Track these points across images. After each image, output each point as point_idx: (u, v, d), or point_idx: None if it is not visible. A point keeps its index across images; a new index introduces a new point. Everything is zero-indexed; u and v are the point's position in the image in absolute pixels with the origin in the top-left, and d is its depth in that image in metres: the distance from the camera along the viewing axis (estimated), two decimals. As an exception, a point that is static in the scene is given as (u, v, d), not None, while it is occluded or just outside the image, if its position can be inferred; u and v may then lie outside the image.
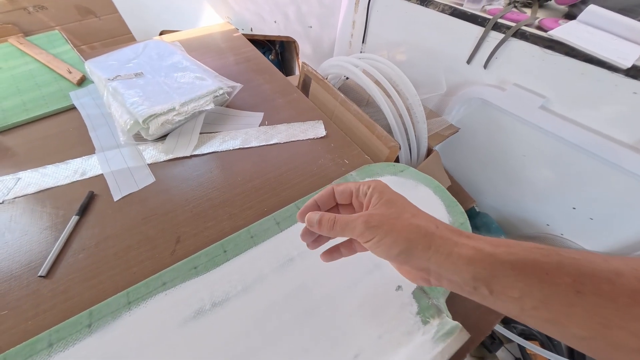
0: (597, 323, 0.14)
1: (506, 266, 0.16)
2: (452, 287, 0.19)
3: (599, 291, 0.14)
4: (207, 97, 0.51)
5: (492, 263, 0.17)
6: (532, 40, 0.52)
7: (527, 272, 0.16)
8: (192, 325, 0.26)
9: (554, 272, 0.15)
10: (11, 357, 0.25)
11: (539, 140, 0.59)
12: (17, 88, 0.60)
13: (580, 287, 0.15)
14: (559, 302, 0.15)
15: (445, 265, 0.18)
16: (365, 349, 0.25)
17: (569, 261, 0.16)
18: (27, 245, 0.36)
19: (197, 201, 0.41)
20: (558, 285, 0.15)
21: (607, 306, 0.14)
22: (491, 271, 0.17)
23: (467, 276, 0.17)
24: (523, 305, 0.16)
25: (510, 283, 0.16)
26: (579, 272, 0.15)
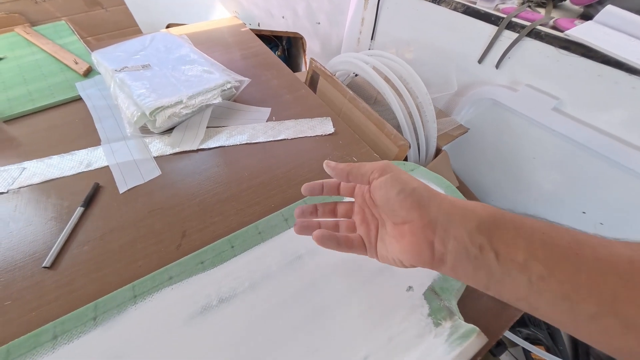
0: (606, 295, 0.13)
1: (507, 220, 0.17)
2: (456, 250, 0.17)
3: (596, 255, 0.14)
4: (214, 91, 0.50)
5: (494, 214, 0.17)
6: (547, 40, 0.51)
7: (527, 229, 0.16)
8: (199, 321, 0.26)
9: (551, 233, 0.15)
10: (15, 349, 0.24)
11: (550, 143, 0.58)
12: (23, 78, 0.60)
13: (578, 249, 0.14)
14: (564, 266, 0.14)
15: (452, 212, 0.18)
16: (375, 351, 0.24)
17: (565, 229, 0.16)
18: (31, 235, 0.35)
19: (204, 195, 0.40)
20: (558, 245, 0.15)
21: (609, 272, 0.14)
22: (494, 222, 0.17)
23: (472, 225, 0.17)
24: (530, 275, 0.15)
25: (512, 240, 0.16)
26: (574, 238, 0.15)
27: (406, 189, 0.19)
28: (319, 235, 0.23)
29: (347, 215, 0.26)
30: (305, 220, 0.26)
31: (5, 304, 0.30)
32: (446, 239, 0.18)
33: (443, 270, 0.19)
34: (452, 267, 0.18)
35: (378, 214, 0.23)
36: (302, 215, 0.26)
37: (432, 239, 0.18)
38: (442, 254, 0.18)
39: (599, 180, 0.55)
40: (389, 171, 0.21)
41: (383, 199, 0.20)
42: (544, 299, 0.15)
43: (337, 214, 0.26)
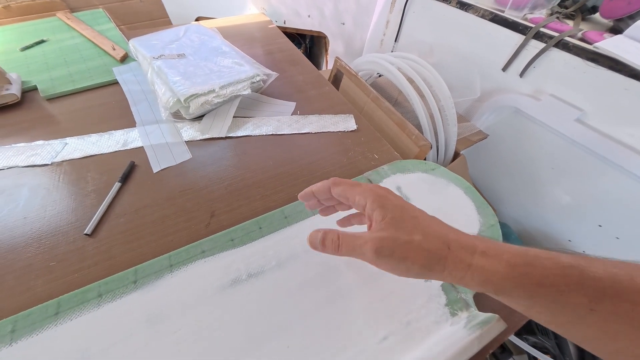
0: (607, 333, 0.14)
1: (519, 290, 0.17)
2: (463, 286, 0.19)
3: (616, 311, 0.14)
4: (244, 82, 0.52)
5: (504, 286, 0.17)
6: (574, 52, 0.52)
7: (540, 294, 0.16)
8: (229, 292, 0.28)
9: (570, 293, 0.15)
10: (64, 302, 0.26)
11: (570, 154, 0.58)
12: (64, 59, 0.63)
13: (596, 306, 0.15)
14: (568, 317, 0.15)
15: (460, 283, 0.19)
16: (394, 332, 0.26)
17: (590, 282, 0.15)
18: (73, 204, 0.38)
19: (231, 180, 0.42)
20: (571, 305, 0.15)
21: (621, 323, 0.14)
22: (503, 291, 0.17)
23: (478, 288, 0.18)
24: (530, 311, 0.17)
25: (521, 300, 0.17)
26: (599, 293, 0.15)
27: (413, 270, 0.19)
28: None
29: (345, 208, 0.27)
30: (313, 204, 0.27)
31: (50, 264, 0.32)
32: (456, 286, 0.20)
33: None
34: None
35: None
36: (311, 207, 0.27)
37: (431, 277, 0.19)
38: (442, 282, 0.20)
39: (618, 194, 0.55)
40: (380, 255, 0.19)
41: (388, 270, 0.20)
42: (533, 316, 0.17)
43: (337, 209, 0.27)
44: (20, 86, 0.54)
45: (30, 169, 0.42)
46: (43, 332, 0.25)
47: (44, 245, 0.34)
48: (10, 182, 0.40)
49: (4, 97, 0.50)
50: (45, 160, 0.43)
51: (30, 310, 0.26)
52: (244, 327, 0.26)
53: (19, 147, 0.44)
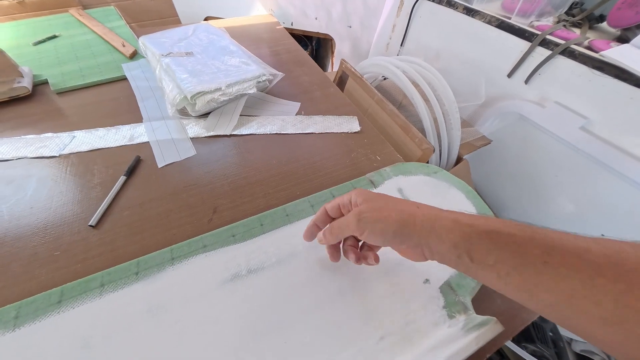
0: (564, 292, 0.16)
1: (482, 235, 0.19)
2: (441, 258, 0.21)
3: (565, 263, 0.16)
4: (251, 82, 0.53)
5: (469, 233, 0.19)
6: (580, 60, 0.52)
7: (501, 241, 0.18)
8: (229, 287, 0.28)
9: (525, 244, 0.17)
10: (68, 291, 0.27)
11: (574, 161, 0.57)
12: (75, 55, 0.65)
13: (548, 258, 0.16)
14: (529, 270, 0.17)
15: (430, 238, 0.20)
16: (392, 332, 0.26)
17: (541, 236, 0.17)
18: (79, 196, 0.39)
19: (234, 177, 0.43)
20: (528, 255, 0.17)
21: (573, 277, 0.15)
22: (469, 240, 0.19)
23: (448, 245, 0.20)
24: (499, 271, 0.18)
25: (485, 250, 0.18)
26: (549, 246, 0.17)
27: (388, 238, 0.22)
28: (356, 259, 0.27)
29: None
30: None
31: (55, 254, 0.33)
32: (432, 253, 0.21)
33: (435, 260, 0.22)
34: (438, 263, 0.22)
35: None
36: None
37: (422, 252, 0.22)
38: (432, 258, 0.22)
39: (622, 204, 0.54)
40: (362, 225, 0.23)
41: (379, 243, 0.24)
42: (509, 289, 0.18)
43: None
44: (31, 79, 0.55)
45: (39, 160, 0.43)
46: (46, 319, 0.25)
47: (50, 235, 0.35)
48: (20, 172, 0.41)
49: (16, 89, 0.51)
50: (53, 152, 0.44)
51: (34, 297, 0.27)
52: (242, 322, 0.26)
53: (28, 139, 0.45)
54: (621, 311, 0.14)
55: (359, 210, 0.23)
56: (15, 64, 0.53)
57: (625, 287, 0.14)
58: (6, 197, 0.38)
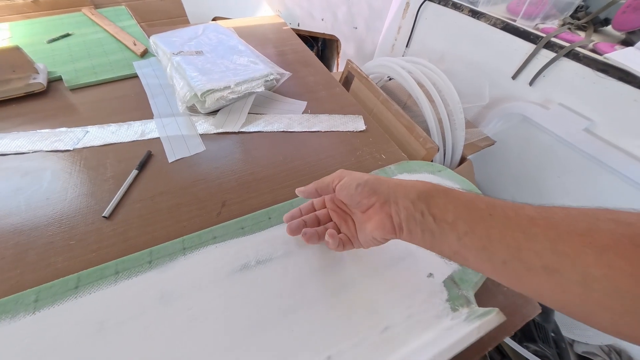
0: (511, 246, 0.17)
1: (439, 190, 0.22)
2: (407, 216, 0.22)
3: (505, 215, 0.18)
4: (259, 80, 0.54)
5: (429, 187, 0.22)
6: (585, 62, 0.52)
7: (454, 196, 0.21)
8: (238, 277, 0.29)
9: (473, 200, 0.20)
10: (84, 278, 0.28)
11: (577, 163, 0.58)
12: (87, 53, 0.66)
13: (492, 211, 0.19)
14: (481, 224, 0.19)
15: (397, 189, 0.23)
16: (395, 324, 0.27)
17: (484, 197, 0.20)
18: (93, 188, 0.40)
19: (242, 173, 0.44)
20: (476, 209, 0.19)
21: (514, 228, 0.17)
22: (429, 192, 0.22)
23: (413, 196, 0.22)
24: (458, 231, 0.19)
25: (443, 205, 0.21)
26: (491, 203, 0.19)
27: (361, 183, 0.25)
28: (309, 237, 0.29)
29: (327, 219, 0.31)
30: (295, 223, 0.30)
31: (70, 243, 0.34)
32: (398, 210, 0.22)
33: (403, 237, 0.23)
34: (408, 232, 0.22)
35: (348, 210, 0.29)
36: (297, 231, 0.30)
37: (390, 212, 0.23)
38: (399, 222, 0.23)
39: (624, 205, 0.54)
40: (345, 175, 0.26)
41: (347, 196, 0.26)
42: (469, 251, 0.19)
43: (319, 220, 0.31)
44: (46, 76, 0.56)
45: (54, 154, 0.44)
46: (64, 303, 0.26)
47: (65, 225, 0.36)
48: (35, 165, 0.42)
49: (32, 85, 0.53)
50: (67, 146, 0.45)
51: (52, 283, 0.28)
52: (251, 310, 0.27)
53: (43, 133, 0.47)
54: (558, 257, 0.15)
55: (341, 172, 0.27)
56: (31, 61, 0.54)
57: (556, 234, 0.16)
58: (23, 189, 0.39)
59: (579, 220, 0.16)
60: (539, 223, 0.17)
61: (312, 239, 0.29)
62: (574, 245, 0.15)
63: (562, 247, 0.15)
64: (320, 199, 0.32)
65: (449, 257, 0.22)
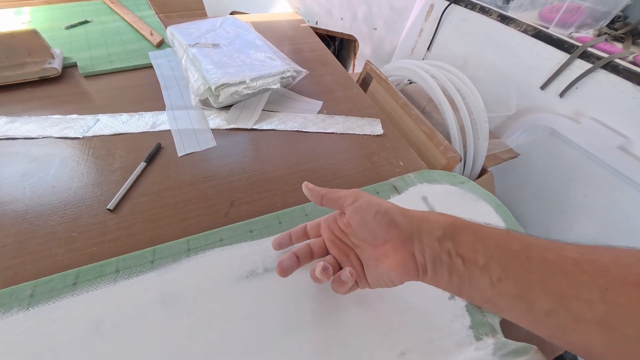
0: (554, 293, 0.15)
1: (465, 226, 0.19)
2: (433, 256, 0.19)
3: (544, 257, 0.16)
4: (275, 77, 0.52)
5: (454, 223, 0.20)
6: (624, 75, 0.49)
7: (483, 234, 0.18)
8: (245, 284, 0.27)
9: (504, 238, 0.18)
10: (83, 273, 0.27)
11: (607, 182, 0.54)
12: (104, 41, 0.66)
13: (528, 252, 0.16)
14: (516, 268, 0.16)
15: (422, 225, 0.20)
16: (413, 349, 0.24)
17: (516, 234, 0.18)
18: (99, 179, 0.39)
19: (253, 172, 0.42)
20: (510, 250, 0.17)
21: (556, 273, 0.15)
22: (455, 229, 0.19)
23: (439, 233, 0.19)
24: (491, 276, 0.17)
25: (472, 245, 0.18)
26: (525, 242, 0.17)
27: (381, 210, 0.21)
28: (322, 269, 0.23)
29: (323, 251, 0.26)
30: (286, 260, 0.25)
31: (72, 235, 0.33)
32: (423, 249, 0.20)
33: (427, 280, 0.20)
34: (433, 275, 0.20)
35: (351, 242, 0.24)
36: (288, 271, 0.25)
37: (413, 251, 0.20)
38: (423, 264, 0.20)
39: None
40: (361, 197, 0.23)
41: (361, 222, 0.22)
42: (504, 299, 0.17)
43: (313, 253, 0.26)
44: (62, 61, 0.56)
45: (63, 141, 0.43)
46: (60, 300, 0.25)
47: (68, 215, 0.35)
48: (44, 151, 0.42)
49: (47, 70, 0.52)
50: (77, 134, 0.44)
51: (50, 277, 0.26)
52: (256, 322, 0.25)
53: (54, 119, 0.46)
54: (612, 310, 0.13)
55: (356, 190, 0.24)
56: (48, 45, 0.54)
57: (607, 282, 0.14)
58: (30, 174, 0.38)
59: (631, 265, 0.14)
60: (585, 268, 0.15)
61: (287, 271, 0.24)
62: (630, 297, 0.13)
63: (617, 299, 0.13)
64: (316, 226, 0.27)
65: (480, 304, 0.19)
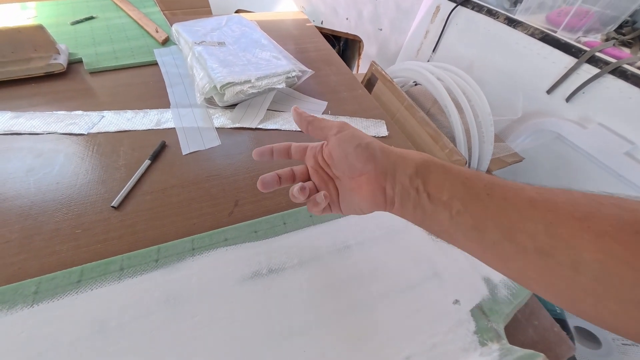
0: (504, 226, 0.16)
1: (438, 165, 0.20)
2: (402, 192, 0.20)
3: (504, 196, 0.17)
4: (280, 77, 0.52)
5: (427, 160, 0.21)
6: (632, 81, 0.48)
7: (453, 172, 0.19)
8: (249, 285, 0.27)
9: (472, 179, 0.19)
10: (88, 271, 0.27)
11: (613, 188, 0.54)
12: (110, 37, 0.66)
13: (490, 190, 0.18)
14: (476, 204, 0.18)
15: (397, 161, 0.21)
16: (418, 353, 0.24)
17: (486, 175, 0.19)
18: (104, 176, 0.39)
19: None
20: (474, 188, 0.18)
21: (510, 209, 0.16)
22: (427, 167, 0.20)
23: (411, 171, 0.20)
24: (451, 210, 0.18)
25: (441, 182, 0.19)
26: (491, 182, 0.18)
27: (362, 144, 0.22)
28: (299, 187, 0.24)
29: (305, 177, 0.27)
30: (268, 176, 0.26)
31: (77, 232, 0.33)
32: (394, 184, 0.21)
33: (392, 211, 0.22)
34: (399, 207, 0.21)
35: (332, 172, 0.25)
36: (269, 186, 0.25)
37: (384, 185, 0.21)
38: (392, 197, 0.21)
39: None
40: (346, 129, 0.23)
41: (342, 154, 0.22)
42: (460, 229, 0.18)
43: (296, 178, 0.27)
44: (67, 57, 0.56)
45: (68, 137, 0.43)
46: (64, 297, 0.25)
47: (73, 212, 0.34)
48: (49, 147, 0.41)
49: (52, 65, 0.52)
50: (82, 130, 0.44)
51: (54, 274, 0.26)
52: (260, 324, 0.25)
53: (59, 115, 0.46)
54: (552, 240, 0.15)
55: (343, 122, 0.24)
56: (53, 41, 0.54)
57: (554, 217, 0.15)
58: (34, 170, 0.38)
59: (580, 204, 0.15)
60: (537, 205, 0.16)
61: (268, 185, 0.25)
62: (571, 229, 0.14)
63: (559, 230, 0.15)
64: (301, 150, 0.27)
65: (438, 235, 0.20)
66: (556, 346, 0.29)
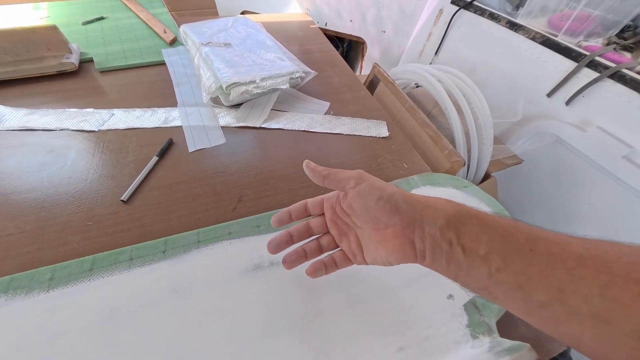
0: (553, 287, 0.15)
1: (472, 215, 0.19)
2: (433, 245, 0.19)
3: (549, 251, 0.16)
4: (284, 77, 0.53)
5: (460, 211, 0.19)
6: (631, 85, 0.49)
7: (489, 224, 0.18)
8: (251, 277, 0.28)
9: (511, 230, 0.17)
10: (99, 260, 0.28)
11: (611, 191, 0.54)
12: (119, 37, 0.67)
13: (533, 245, 0.16)
14: (518, 260, 0.16)
15: (425, 212, 0.20)
16: (411, 345, 0.25)
17: (524, 226, 0.18)
18: (113, 171, 0.40)
19: (260, 169, 0.43)
20: (515, 241, 0.17)
21: (558, 267, 0.15)
22: (460, 219, 0.19)
23: (442, 222, 0.19)
24: (490, 266, 0.17)
25: (476, 235, 0.18)
26: (532, 235, 0.17)
27: (384, 197, 0.21)
28: (312, 271, 0.25)
29: (322, 230, 0.26)
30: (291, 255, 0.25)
31: (88, 224, 0.34)
32: (423, 237, 0.20)
33: (424, 264, 0.21)
34: (431, 261, 0.20)
35: (352, 222, 0.24)
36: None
37: (413, 238, 0.20)
38: (422, 250, 0.20)
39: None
40: (364, 180, 0.22)
41: (362, 207, 0.22)
42: (501, 288, 0.17)
43: (311, 231, 0.26)
44: (78, 56, 0.58)
45: (79, 133, 0.45)
46: (78, 284, 0.26)
47: (84, 205, 0.36)
48: (61, 143, 0.43)
49: (64, 64, 0.54)
50: (92, 127, 0.46)
51: (68, 263, 0.28)
52: (261, 314, 0.26)
53: (71, 112, 0.48)
54: (608, 305, 0.14)
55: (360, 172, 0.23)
56: (66, 41, 0.56)
57: (608, 278, 0.14)
58: (47, 165, 0.40)
59: (634, 263, 0.14)
60: (587, 263, 0.15)
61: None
62: (630, 293, 0.13)
63: (615, 294, 0.14)
64: (318, 204, 0.27)
65: (477, 292, 0.19)
66: (547, 342, 0.30)
